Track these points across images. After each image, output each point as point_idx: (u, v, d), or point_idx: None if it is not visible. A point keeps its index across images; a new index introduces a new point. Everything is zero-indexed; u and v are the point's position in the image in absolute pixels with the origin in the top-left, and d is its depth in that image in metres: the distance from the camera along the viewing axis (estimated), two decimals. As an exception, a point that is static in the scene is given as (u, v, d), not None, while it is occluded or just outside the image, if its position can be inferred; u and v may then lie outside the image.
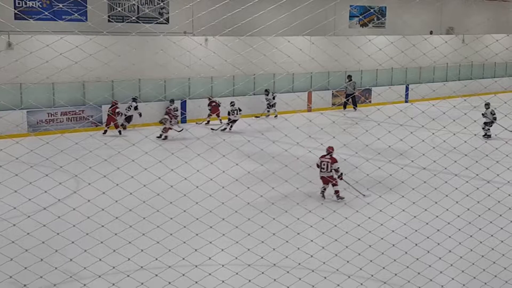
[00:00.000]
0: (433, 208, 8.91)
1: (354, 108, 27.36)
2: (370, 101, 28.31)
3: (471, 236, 8.20)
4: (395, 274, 7.45)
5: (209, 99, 22.68)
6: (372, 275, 7.70)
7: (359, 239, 8.05)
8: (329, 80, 27.21)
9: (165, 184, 7.77)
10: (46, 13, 20.40)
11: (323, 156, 13.17)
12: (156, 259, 7.03)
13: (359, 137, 10.05)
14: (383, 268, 7.46)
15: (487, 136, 20.31)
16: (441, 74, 31.20)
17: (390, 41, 25.43)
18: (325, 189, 13.06)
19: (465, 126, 11.52)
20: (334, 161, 12.99)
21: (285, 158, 15.17)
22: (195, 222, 8.02)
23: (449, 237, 8.24)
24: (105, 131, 19.90)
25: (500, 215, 9.23)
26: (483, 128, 20.39)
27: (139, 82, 22.23)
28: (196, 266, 7.37)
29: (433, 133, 13.38)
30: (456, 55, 29.25)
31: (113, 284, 6.80)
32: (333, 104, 27.27)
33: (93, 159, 7.99)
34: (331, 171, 12.91)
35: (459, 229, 8.35)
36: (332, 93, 27.35)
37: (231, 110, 21.26)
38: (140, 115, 20.96)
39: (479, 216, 9.15)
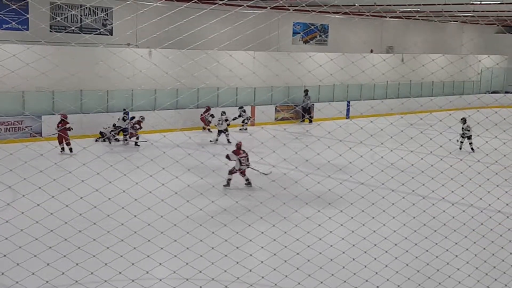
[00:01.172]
0: (371, 223, 9.07)
1: (309, 122, 27.90)
2: (311, 117, 28.69)
3: (407, 251, 8.39)
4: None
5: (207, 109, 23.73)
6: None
7: (297, 254, 8.11)
8: (272, 94, 27.46)
9: (103, 197, 7.64)
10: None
11: (238, 153, 14.91)
12: (92, 273, 6.87)
13: (299, 152, 10.15)
14: (321, 282, 7.53)
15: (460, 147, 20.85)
16: (381, 91, 32.00)
17: (330, 58, 25.99)
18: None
19: (401, 142, 11.82)
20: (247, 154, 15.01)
21: (225, 172, 15.27)
22: (133, 236, 7.90)
23: (386, 251, 8.41)
24: (63, 149, 18.55)
25: (435, 231, 9.49)
26: (461, 142, 20.98)
27: (80, 93, 21.82)
28: (133, 281, 7.26)
29: (371, 149, 13.73)
30: (395, 73, 30.12)
31: (46, 300, 6.61)
32: (276, 119, 27.48)
33: (29, 171, 7.77)
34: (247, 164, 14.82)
35: (396, 244, 8.53)
36: (276, 108, 27.61)
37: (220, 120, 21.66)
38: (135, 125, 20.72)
39: (415, 231, 9.38)
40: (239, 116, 24.60)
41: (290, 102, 27.71)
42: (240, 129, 24.47)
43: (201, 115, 24.02)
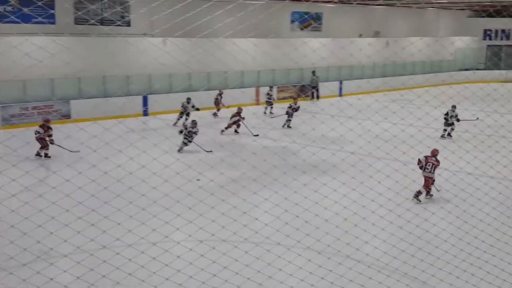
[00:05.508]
0: (360, 188, 9.06)
1: (317, 98, 27.66)
2: (318, 94, 28.45)
3: (390, 210, 8.38)
4: (328, 245, 7.55)
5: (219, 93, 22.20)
6: (308, 247, 7.78)
7: (297, 216, 8.12)
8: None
9: (125, 172, 7.62)
10: (12, 17, 19.61)
11: (429, 157, 11.10)
12: (118, 239, 6.88)
13: (297, 127, 10.09)
14: (318, 240, 7.54)
15: (447, 135, 17.50)
16: (369, 72, 31.75)
17: (323, 44, 25.69)
18: (420, 192, 10.93)
19: (385, 116, 11.72)
20: (439, 164, 11.09)
21: (233, 147, 15.22)
22: (153, 205, 7.91)
23: (373, 212, 8.41)
24: (45, 154, 13.46)
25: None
26: (445, 129, 17.59)
27: (103, 79, 21.69)
28: (154, 244, 7.27)
29: (359, 123, 13.65)
30: (380, 55, 29.84)
31: (78, 263, 6.64)
32: (279, 98, 27.25)
33: (56, 149, 7.74)
34: (433, 172, 11.02)
35: (381, 205, 8.54)
36: (277, 88, 27.38)
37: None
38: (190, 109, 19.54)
39: (397, 193, 9.37)
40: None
41: (290, 83, 27.47)
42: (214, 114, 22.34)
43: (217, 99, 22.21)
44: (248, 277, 6.49)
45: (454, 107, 17.55)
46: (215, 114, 21.52)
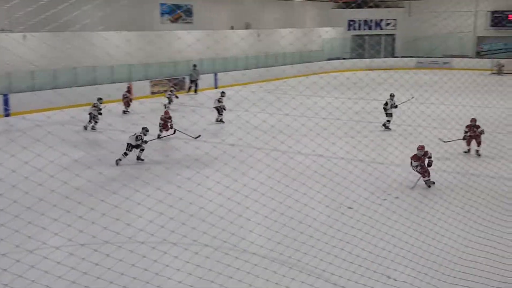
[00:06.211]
0: (242, 179, 9.30)
1: (195, 92, 27.43)
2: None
3: (272, 198, 8.72)
4: (214, 237, 7.70)
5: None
6: (194, 240, 7.86)
7: (181, 211, 8.16)
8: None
9: (-7, 178, 7.14)
10: None
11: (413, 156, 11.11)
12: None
13: (178, 123, 10.11)
14: (204, 233, 7.65)
15: (386, 128, 17.01)
16: (243, 63, 32.42)
17: (196, 36, 25.76)
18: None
19: (263, 108, 12.14)
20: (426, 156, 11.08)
21: (111, 145, 14.79)
22: (27, 211, 7.50)
23: (256, 201, 8.69)
24: None
25: (294, 180, 9.96)
26: (388, 121, 17.07)
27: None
28: (31, 252, 6.92)
29: (238, 115, 13.96)
30: (253, 47, 30.61)
31: None
32: (153, 93, 26.88)
33: None
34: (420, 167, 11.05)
35: (263, 194, 8.84)
36: (150, 82, 26.98)
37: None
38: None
39: (278, 182, 9.77)
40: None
41: (163, 76, 27.21)
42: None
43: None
44: (135, 276, 6.43)
45: (392, 95, 17.01)
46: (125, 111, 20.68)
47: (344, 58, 39.70)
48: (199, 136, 13.94)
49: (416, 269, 7.19)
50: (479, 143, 13.48)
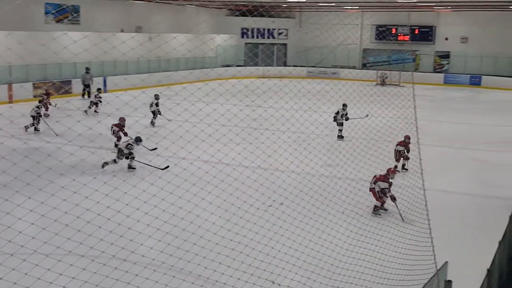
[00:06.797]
0: (124, 187, 8.89)
1: (88, 96, 26.20)
2: (71, 92, 27.20)
3: (164, 210, 8.32)
4: (91, 247, 7.28)
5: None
6: (70, 251, 7.38)
7: (55, 221, 7.57)
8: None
9: None
10: None
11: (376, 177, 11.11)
12: None
13: (52, 126, 9.47)
14: (81, 243, 7.21)
15: (340, 137, 17.63)
16: (134, 66, 31.64)
17: (83, 37, 24.74)
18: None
19: (144, 114, 11.71)
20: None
21: (1, 150, 13.62)
22: None
23: (146, 213, 8.20)
24: None
25: (187, 191, 9.65)
26: (340, 130, 17.67)
27: None
28: None
29: (136, 121, 13.48)
30: (144, 50, 30.00)
31: None
32: (35, 96, 25.37)
33: None
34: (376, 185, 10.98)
35: (155, 206, 8.35)
36: (33, 85, 25.42)
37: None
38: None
39: (171, 193, 9.27)
40: None
41: (47, 78, 25.80)
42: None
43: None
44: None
45: (345, 105, 17.33)
46: (45, 115, 18.92)
47: (238, 65, 40.14)
48: (155, 148, 13.23)
49: (299, 273, 7.26)
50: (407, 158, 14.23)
